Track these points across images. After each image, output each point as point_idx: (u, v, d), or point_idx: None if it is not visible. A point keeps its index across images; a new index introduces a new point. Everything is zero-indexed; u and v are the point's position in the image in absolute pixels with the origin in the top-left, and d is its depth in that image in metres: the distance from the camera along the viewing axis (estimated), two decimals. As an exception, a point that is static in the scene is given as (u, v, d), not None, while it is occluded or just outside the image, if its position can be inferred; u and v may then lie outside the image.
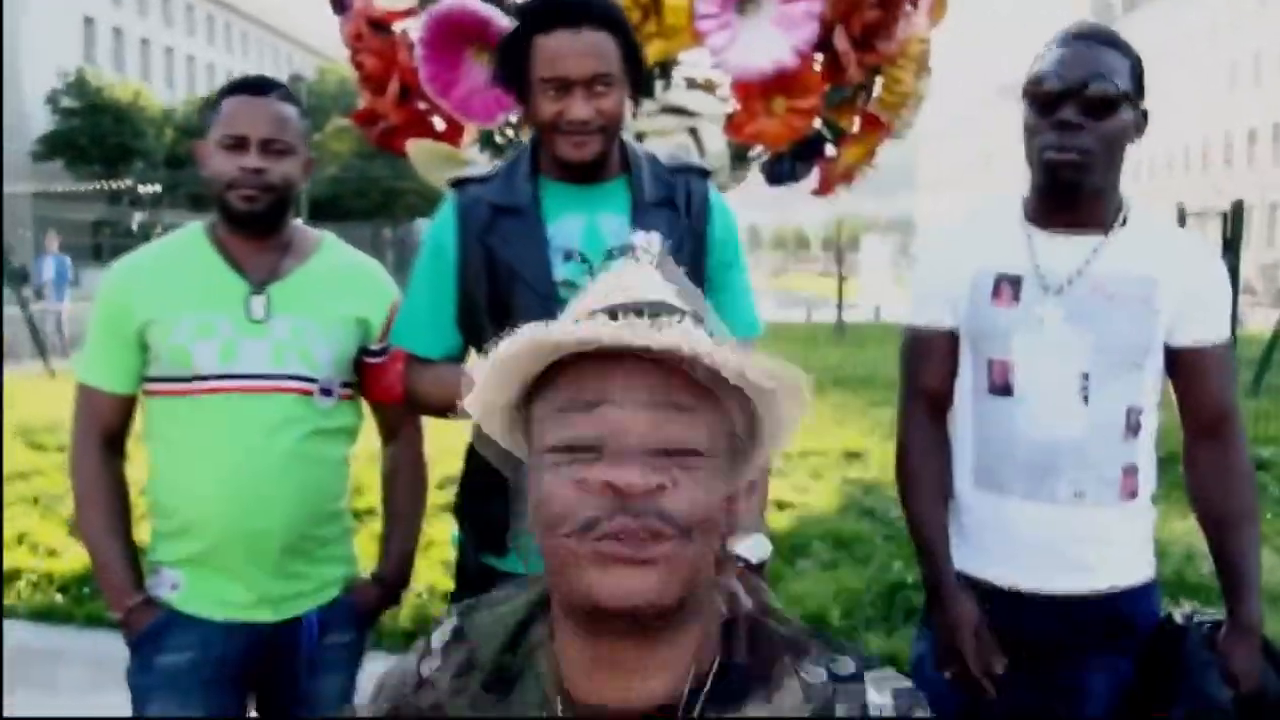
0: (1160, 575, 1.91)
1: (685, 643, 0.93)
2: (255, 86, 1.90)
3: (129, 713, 1.94)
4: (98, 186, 19.53)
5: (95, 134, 36.99)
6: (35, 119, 39.30)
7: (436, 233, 1.92)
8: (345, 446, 2.01)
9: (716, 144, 5.50)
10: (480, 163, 4.58)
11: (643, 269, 0.98)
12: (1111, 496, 1.79)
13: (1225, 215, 10.12)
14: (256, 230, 1.91)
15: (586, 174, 1.84)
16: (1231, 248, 9.89)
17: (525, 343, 0.89)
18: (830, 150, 6.25)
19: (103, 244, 31.90)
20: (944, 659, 1.86)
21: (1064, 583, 1.81)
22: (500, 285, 1.83)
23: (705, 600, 0.94)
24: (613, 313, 0.89)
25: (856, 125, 6.09)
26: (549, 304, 1.81)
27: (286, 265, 1.94)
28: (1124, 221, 1.81)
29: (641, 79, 1.84)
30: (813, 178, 6.32)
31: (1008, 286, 1.81)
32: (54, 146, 37.83)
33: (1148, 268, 1.77)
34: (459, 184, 1.95)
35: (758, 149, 6.06)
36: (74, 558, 4.07)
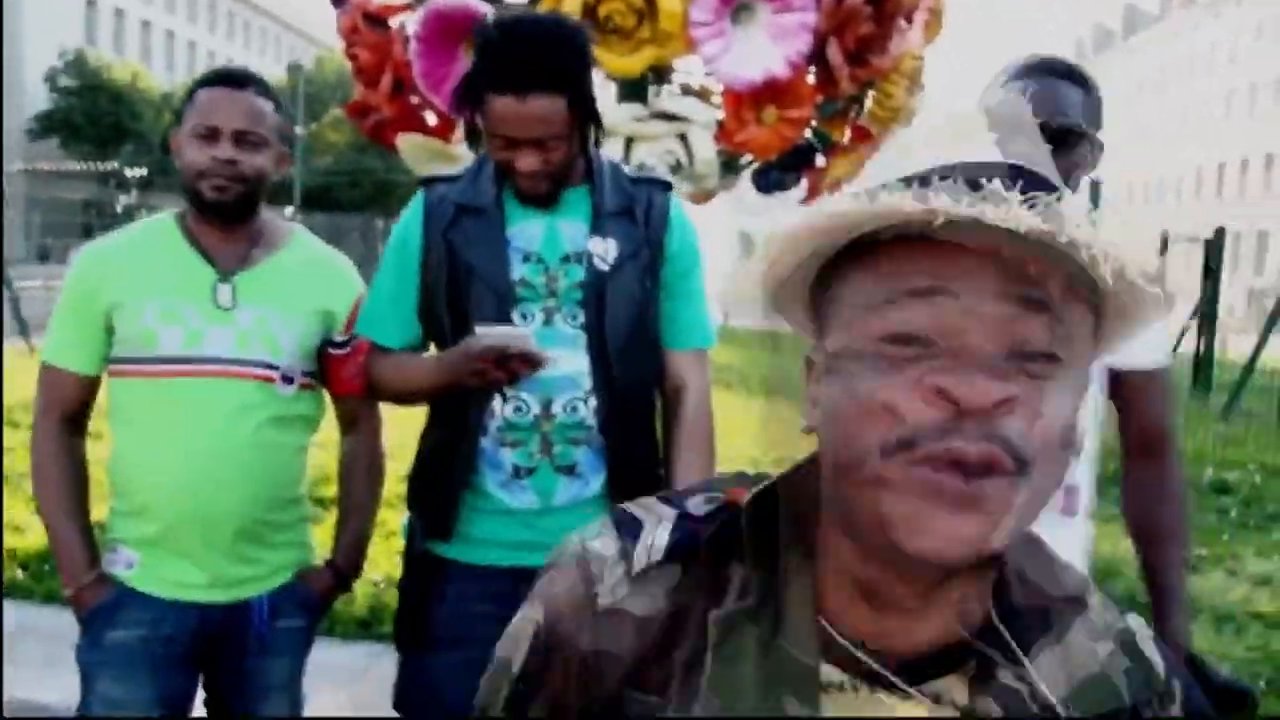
0: (1114, 595, 1.95)
1: (968, 582, 0.75)
2: (231, 79, 1.94)
3: (76, 694, 1.97)
4: (86, 167, 19.46)
5: (92, 114, 36.89)
6: (33, 97, 39.19)
7: (403, 228, 1.96)
8: (304, 435, 2.04)
9: (706, 151, 5.54)
10: (469, 158, 4.62)
11: (980, 120, 0.74)
12: (1051, 515, 1.83)
13: (1207, 242, 10.24)
14: (226, 220, 1.94)
15: (544, 197, 1.88)
16: (1212, 274, 10.01)
17: (861, 210, 0.68)
18: (820, 161, 6.32)
19: (92, 224, 31.84)
20: None
21: None
22: (459, 281, 1.87)
23: None
24: (970, 178, 0.67)
25: (847, 137, 6.16)
26: (505, 301, 1.86)
27: (255, 255, 1.97)
28: None
29: (596, 120, 1.86)
30: (801, 188, 6.39)
31: None
32: (50, 125, 37.71)
33: None
34: (428, 183, 2.00)
35: (748, 157, 6.12)
36: (37, 535, 4.09)
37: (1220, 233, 10.30)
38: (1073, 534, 1.87)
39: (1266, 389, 9.91)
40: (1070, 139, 1.74)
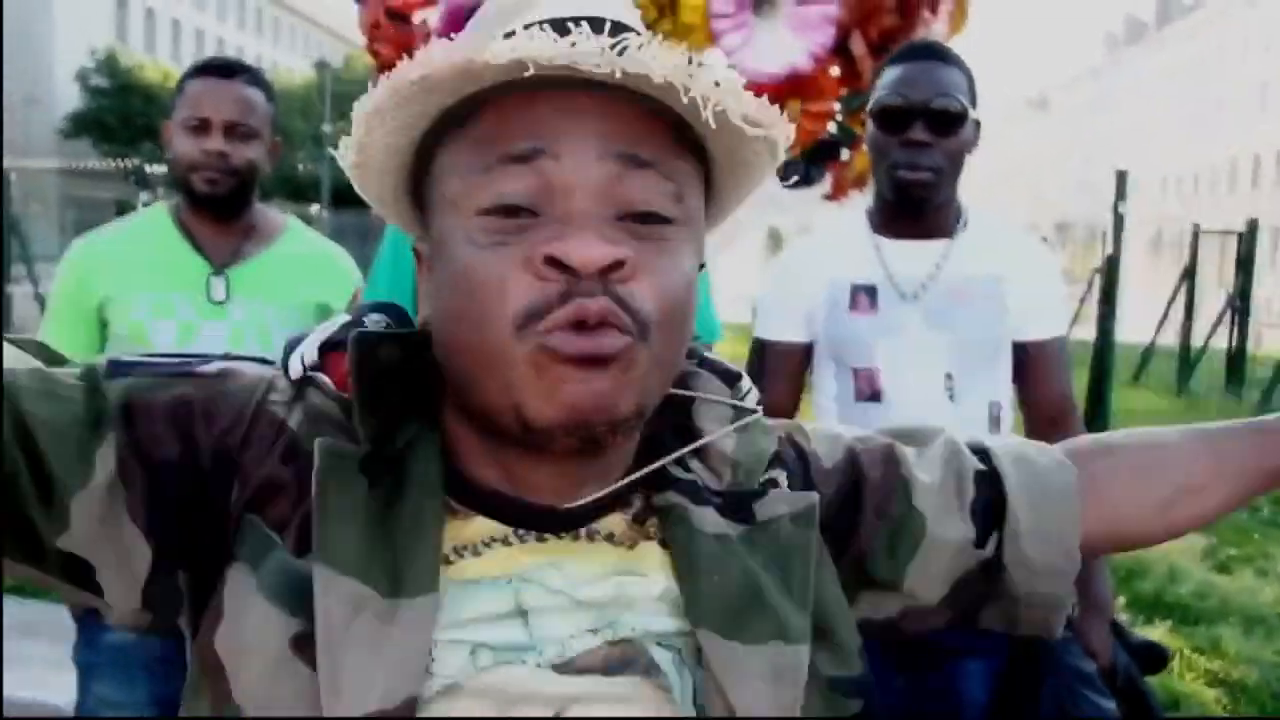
0: (1142, 594, 1.92)
1: (624, 452, 0.73)
2: (221, 69, 1.91)
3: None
4: (117, 165, 19.66)
5: (124, 113, 37.26)
6: (65, 96, 39.64)
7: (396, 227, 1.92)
8: (301, 432, 2.01)
9: (730, 144, 5.50)
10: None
11: None
12: None
13: (1240, 235, 10.05)
14: (219, 213, 1.91)
15: None
16: (1244, 267, 9.83)
17: (443, 64, 0.63)
18: (844, 155, 6.25)
19: (124, 223, 32.26)
20: None
21: None
22: None
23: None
24: (558, 26, 0.64)
25: (871, 131, 6.10)
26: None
27: (248, 249, 1.94)
28: (965, 225, 1.86)
29: None
30: (826, 182, 6.32)
31: (864, 296, 1.84)
32: (82, 124, 38.13)
33: (994, 268, 1.83)
34: None
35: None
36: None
37: (1253, 225, 10.11)
38: None
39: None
40: (954, 120, 1.76)
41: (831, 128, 5.86)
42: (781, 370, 1.92)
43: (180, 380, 0.71)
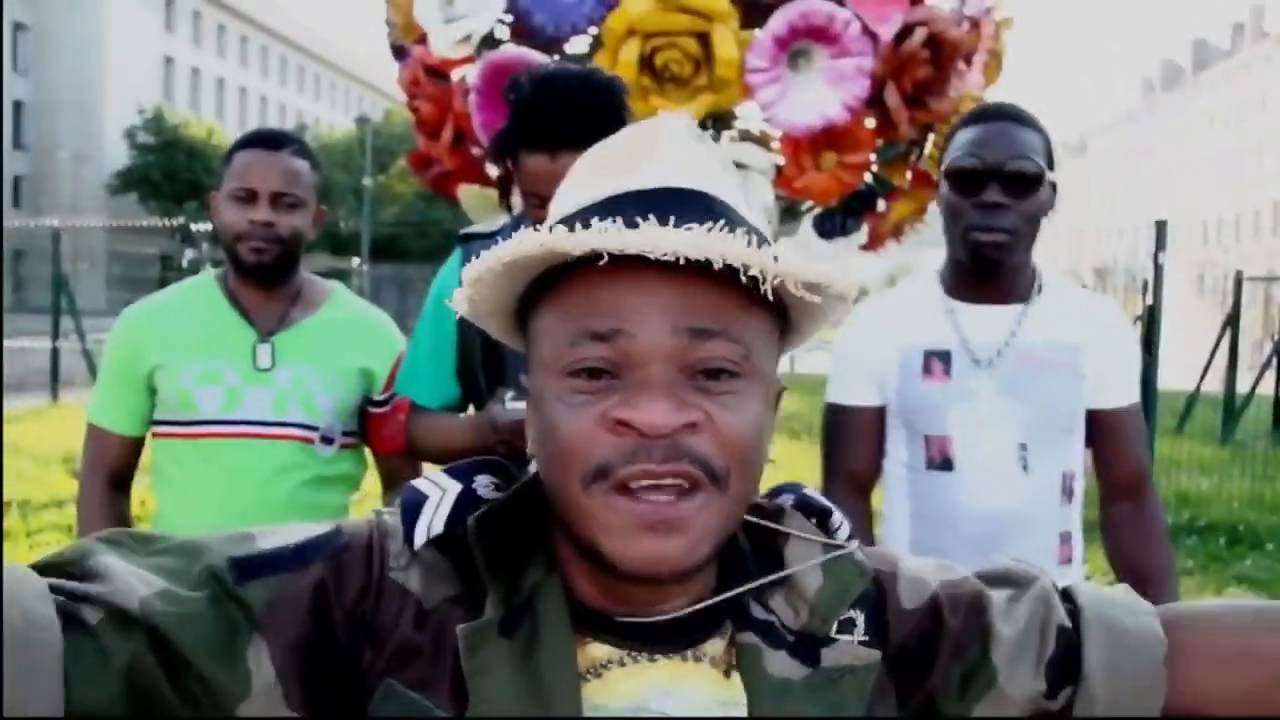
0: None
1: (707, 571, 0.79)
2: (268, 140, 1.95)
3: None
4: (163, 223, 20.07)
5: (169, 169, 38.15)
6: (113, 153, 40.62)
7: (440, 286, 1.95)
8: (345, 494, 2.03)
9: (766, 197, 5.52)
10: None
11: (664, 129, 0.78)
12: (1051, 564, 1.79)
13: (1284, 282, 9.92)
14: (265, 281, 1.95)
15: None
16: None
17: (520, 252, 0.71)
18: (880, 205, 6.26)
19: (167, 278, 32.81)
20: None
21: None
22: (494, 340, 1.84)
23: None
24: (645, 197, 0.72)
25: (908, 181, 6.10)
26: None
27: (294, 315, 1.97)
28: (1039, 290, 1.83)
29: None
30: (863, 232, 6.33)
31: (938, 362, 1.81)
32: (129, 180, 39.05)
33: (1070, 334, 1.80)
34: (466, 239, 1.98)
35: (808, 203, 6.08)
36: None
37: (1298, 272, 9.98)
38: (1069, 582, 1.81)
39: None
40: (1030, 182, 1.74)
41: (867, 178, 5.90)
42: (857, 435, 1.88)
43: (310, 566, 0.75)
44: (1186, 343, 12.43)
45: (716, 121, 5.58)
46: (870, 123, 5.46)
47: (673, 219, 0.69)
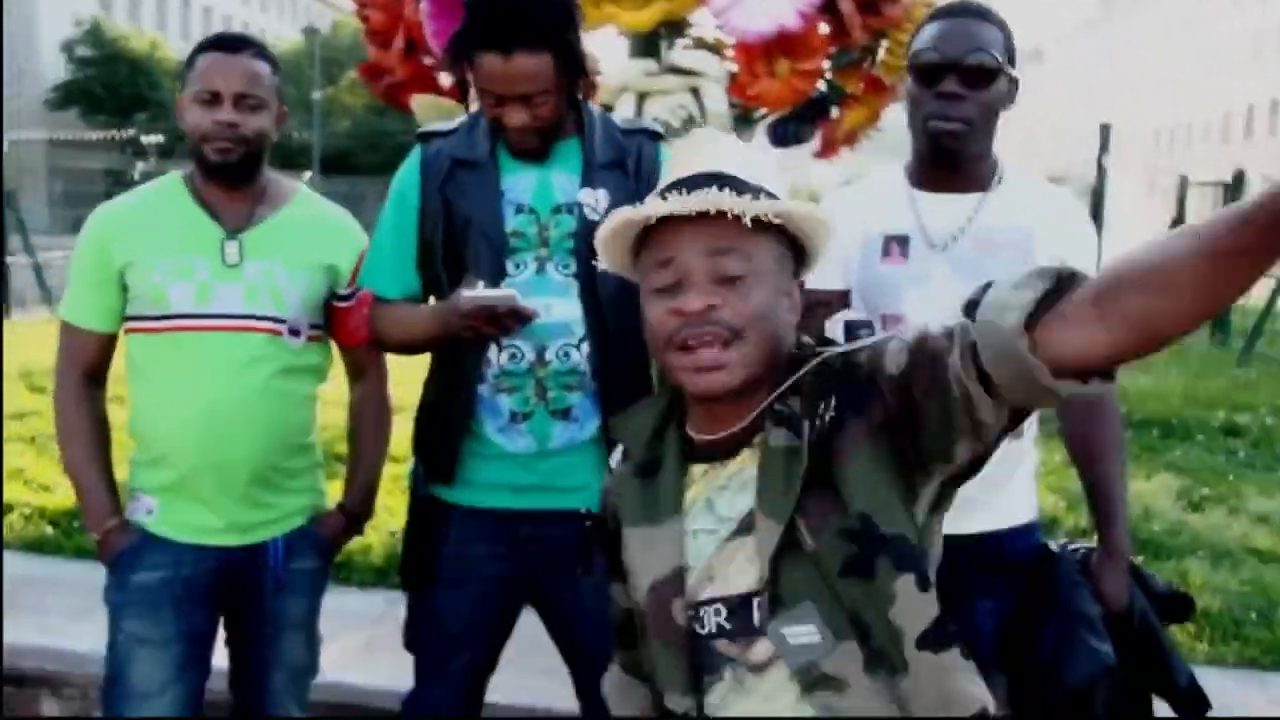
0: (1133, 550, 2.01)
1: (763, 389, 1.29)
2: (229, 44, 2.01)
3: (103, 640, 2.08)
4: (107, 136, 19.59)
5: (111, 84, 37.00)
6: (50, 67, 39.29)
7: (401, 182, 2.04)
8: (313, 384, 2.13)
9: (719, 105, 5.55)
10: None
11: (709, 140, 1.39)
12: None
13: (1226, 186, 10.15)
14: (231, 180, 2.02)
15: (536, 151, 1.95)
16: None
17: (618, 223, 1.31)
18: (834, 112, 6.30)
19: (112, 193, 32.04)
20: None
21: (956, 525, 1.91)
22: (455, 233, 1.95)
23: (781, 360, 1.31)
24: (683, 187, 1.27)
25: (861, 88, 6.14)
26: (499, 252, 1.93)
27: (260, 213, 2.05)
28: (1000, 180, 1.93)
29: (584, 74, 1.92)
30: (816, 139, 6.38)
31: (896, 246, 1.92)
32: (69, 95, 37.85)
33: (1024, 220, 1.90)
34: (425, 137, 2.06)
35: (762, 110, 6.12)
36: (66, 494, 4.22)
37: (1240, 177, 10.21)
38: (1021, 462, 1.97)
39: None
40: (988, 75, 1.84)
41: (821, 85, 5.93)
42: (819, 316, 1.98)
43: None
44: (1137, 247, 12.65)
45: (670, 29, 5.57)
46: (823, 29, 5.48)
47: (699, 190, 1.25)
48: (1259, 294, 10.05)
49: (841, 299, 2.00)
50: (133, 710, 2.01)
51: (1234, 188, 10.08)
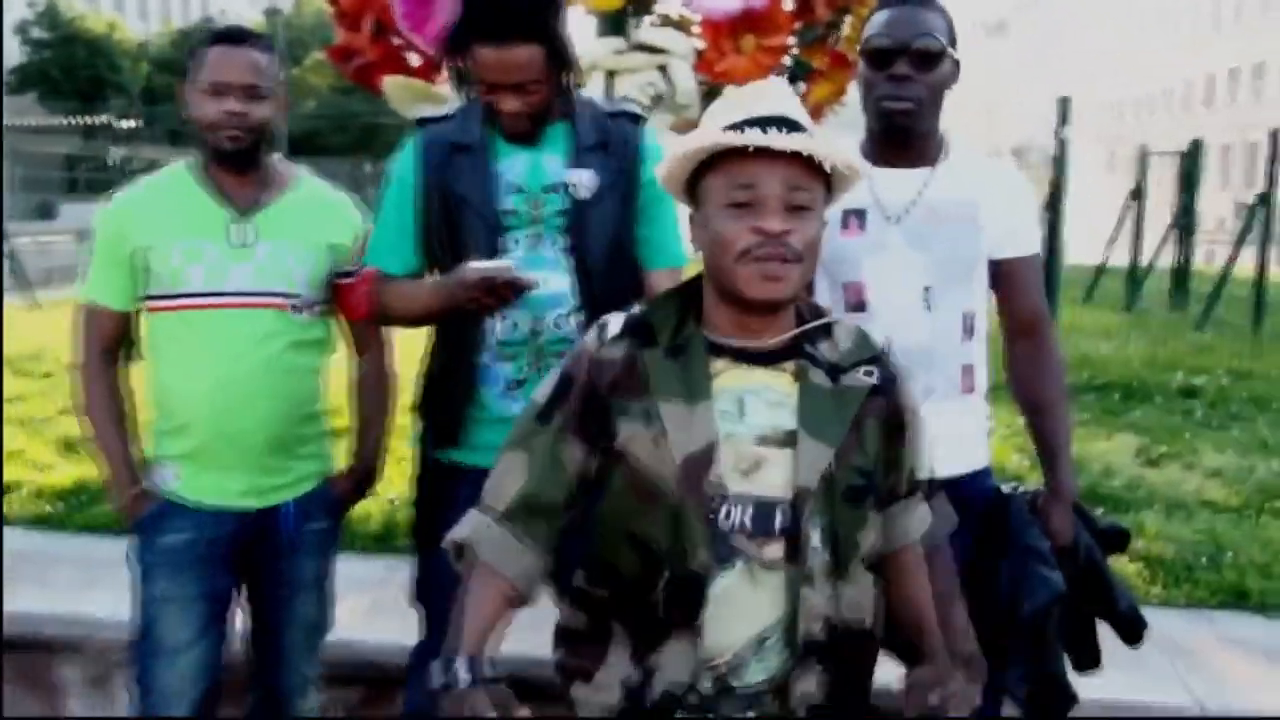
0: (1079, 488, 2.20)
1: (789, 313, 1.53)
2: (234, 37, 2.13)
3: (115, 607, 2.20)
4: (74, 121, 19.39)
5: (68, 66, 36.46)
6: (5, 50, 38.66)
7: (400, 166, 2.17)
8: (320, 357, 2.27)
9: (687, 81, 5.67)
10: (453, 99, 4.77)
11: (774, 87, 1.52)
12: (954, 392, 2.09)
13: (1183, 155, 10.39)
14: (239, 166, 2.14)
15: (527, 134, 2.09)
16: (1188, 186, 10.19)
17: (709, 144, 1.45)
18: (800, 87, 6.43)
19: (78, 178, 31.58)
20: None
21: None
22: (453, 212, 2.09)
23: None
24: (761, 124, 1.43)
25: (826, 63, 6.27)
26: (495, 229, 2.07)
27: (266, 196, 2.18)
28: (945, 155, 2.10)
29: (571, 63, 2.06)
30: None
31: (854, 219, 2.08)
32: (25, 78, 37.28)
33: (969, 193, 2.07)
34: (422, 123, 2.20)
35: (730, 86, 6.23)
36: (64, 474, 4.33)
37: (1196, 145, 10.45)
38: (974, 411, 2.15)
39: (1242, 299, 10.13)
40: (933, 58, 2.01)
41: (787, 61, 6.07)
42: None
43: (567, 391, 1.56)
44: (1099, 218, 12.95)
45: (637, 7, 5.68)
46: (789, 5, 5.61)
47: (784, 130, 1.43)
48: (1218, 261, 10.33)
49: None
50: (162, 664, 2.15)
51: (1190, 156, 10.33)
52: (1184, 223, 10.48)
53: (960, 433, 2.11)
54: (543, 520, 1.52)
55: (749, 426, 1.48)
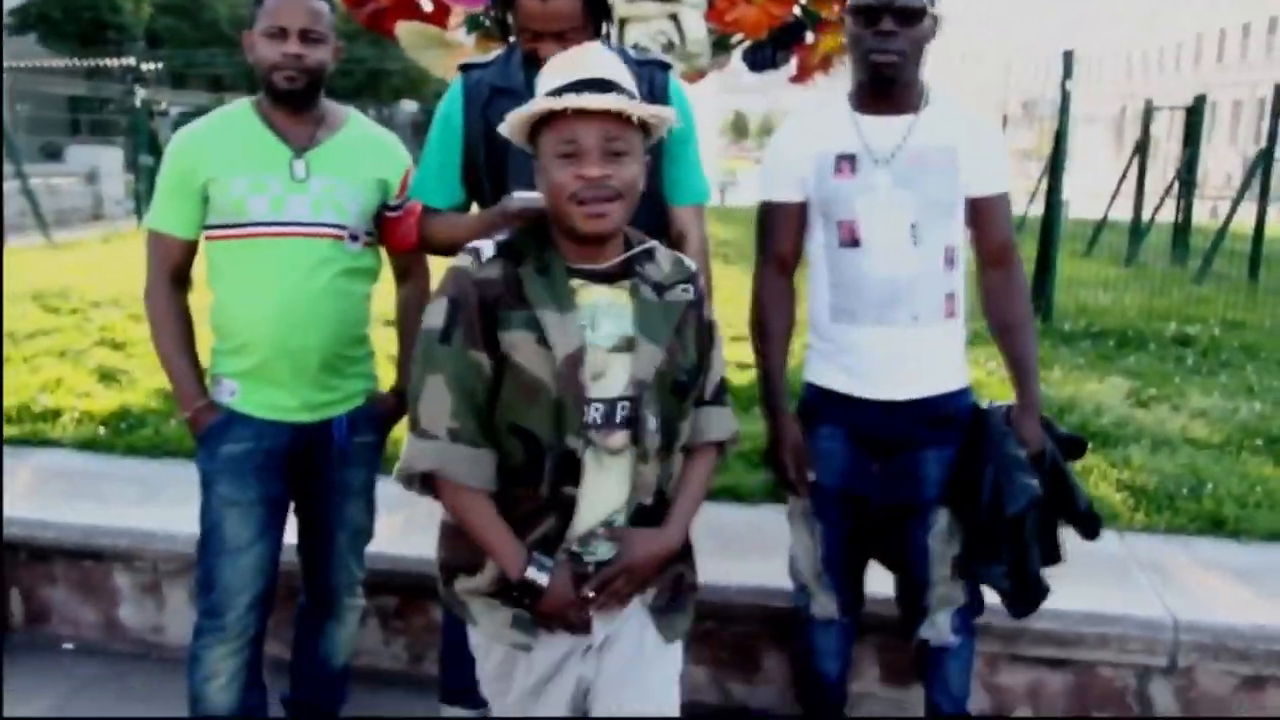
0: (1069, 425, 2.44)
1: (619, 239, 1.83)
2: None
3: (164, 522, 2.42)
4: (78, 63, 19.31)
5: (70, 8, 36.16)
6: (8, -10, 38.32)
7: (446, 107, 2.35)
8: (368, 284, 2.46)
9: (698, 30, 5.78)
10: (466, 44, 4.89)
11: (591, 52, 1.78)
12: (938, 317, 2.32)
13: (1188, 110, 10.47)
14: (296, 106, 2.32)
15: None
16: (1191, 141, 10.29)
17: (536, 110, 1.72)
18: (809, 37, 6.53)
19: (80, 120, 31.47)
20: (773, 467, 2.45)
21: (907, 390, 2.33)
22: (496, 151, 2.26)
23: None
24: (579, 87, 1.69)
25: (835, 13, 6.37)
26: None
27: (321, 135, 2.35)
28: (927, 103, 2.30)
29: (608, 13, 2.24)
30: (791, 64, 6.62)
31: (846, 162, 2.29)
32: (25, 20, 37.02)
33: (949, 139, 2.28)
34: (466, 69, 2.37)
35: (738, 35, 6.34)
36: (107, 400, 4.54)
37: (1200, 100, 10.53)
38: (955, 335, 2.39)
39: (1242, 254, 10.26)
40: (915, 14, 2.21)
41: (796, 10, 6.16)
42: (783, 224, 2.38)
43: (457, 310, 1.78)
44: (1108, 172, 13.03)
45: (651, -44, 5.77)
46: (798, -43, 5.69)
47: (602, 91, 1.69)
48: (1223, 216, 10.44)
49: (798, 210, 2.37)
50: (225, 562, 2.36)
51: (1194, 111, 10.42)
52: (1187, 178, 10.59)
53: (944, 352, 2.36)
54: (479, 423, 1.77)
55: (601, 337, 1.78)
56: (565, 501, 1.78)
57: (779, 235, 2.40)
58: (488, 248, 1.81)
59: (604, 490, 1.80)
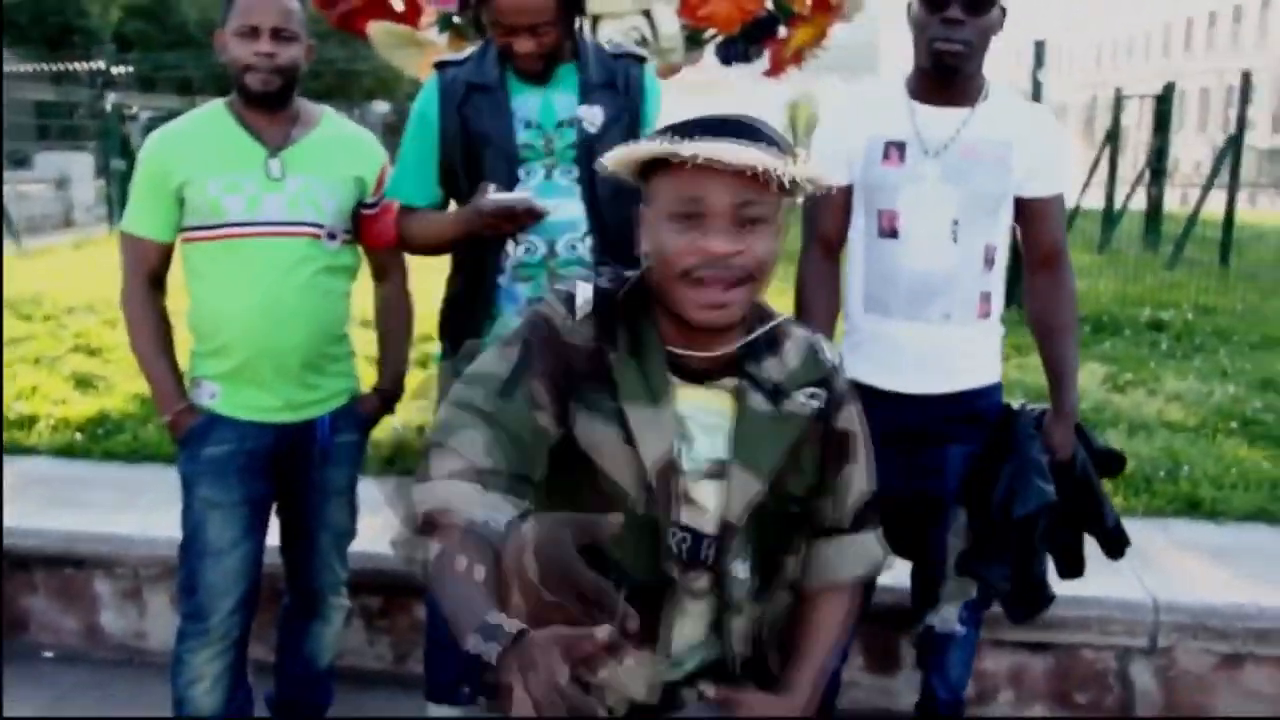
0: (1079, 414, 2.42)
1: (729, 333, 1.43)
2: None
3: (144, 527, 2.41)
4: (44, 68, 19.11)
5: (36, 13, 35.82)
6: (-27, -5, 37.90)
7: (422, 105, 2.35)
8: (348, 282, 2.45)
9: (670, 26, 5.79)
10: (439, 43, 4.88)
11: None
12: (971, 317, 2.27)
13: (1157, 98, 10.56)
14: (270, 106, 2.30)
15: (540, 74, 2.26)
16: (1161, 129, 10.37)
17: (652, 152, 1.32)
18: (782, 32, 6.55)
19: (49, 126, 31.20)
20: None
21: (934, 385, 2.29)
22: (473, 147, 2.27)
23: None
24: (713, 126, 1.30)
25: (808, 7, 6.39)
26: (512, 162, 2.25)
27: (296, 134, 2.34)
28: (986, 96, 2.24)
29: (581, 8, 2.23)
30: (764, 59, 6.63)
31: (895, 150, 2.23)
32: (-7, 25, 36.64)
33: (1005, 134, 2.22)
34: (441, 66, 2.37)
35: (711, 30, 6.35)
36: (84, 405, 4.51)
37: (1169, 89, 10.62)
38: (989, 334, 2.35)
39: (1213, 240, 10.37)
40: (984, 4, 2.14)
41: (769, 4, 6.17)
42: (829, 207, 2.29)
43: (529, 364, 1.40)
44: (1081, 161, 13.10)
45: (623, -48, 5.78)
46: (770, -50, 5.70)
47: (739, 134, 1.28)
48: (1193, 203, 10.55)
49: (845, 193, 2.30)
50: (208, 564, 2.35)
51: (1163, 100, 10.50)
52: (1158, 165, 10.67)
53: (976, 351, 2.31)
54: (529, 491, 1.32)
55: (690, 460, 1.42)
56: (651, 635, 1.42)
57: (824, 217, 2.33)
58: (585, 296, 1.43)
59: (682, 636, 1.48)
